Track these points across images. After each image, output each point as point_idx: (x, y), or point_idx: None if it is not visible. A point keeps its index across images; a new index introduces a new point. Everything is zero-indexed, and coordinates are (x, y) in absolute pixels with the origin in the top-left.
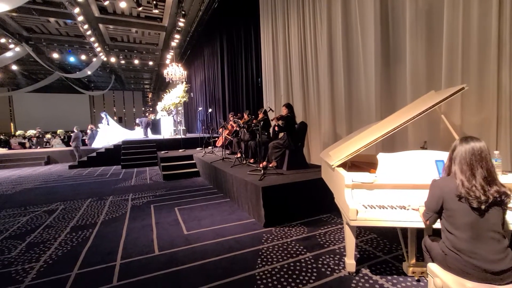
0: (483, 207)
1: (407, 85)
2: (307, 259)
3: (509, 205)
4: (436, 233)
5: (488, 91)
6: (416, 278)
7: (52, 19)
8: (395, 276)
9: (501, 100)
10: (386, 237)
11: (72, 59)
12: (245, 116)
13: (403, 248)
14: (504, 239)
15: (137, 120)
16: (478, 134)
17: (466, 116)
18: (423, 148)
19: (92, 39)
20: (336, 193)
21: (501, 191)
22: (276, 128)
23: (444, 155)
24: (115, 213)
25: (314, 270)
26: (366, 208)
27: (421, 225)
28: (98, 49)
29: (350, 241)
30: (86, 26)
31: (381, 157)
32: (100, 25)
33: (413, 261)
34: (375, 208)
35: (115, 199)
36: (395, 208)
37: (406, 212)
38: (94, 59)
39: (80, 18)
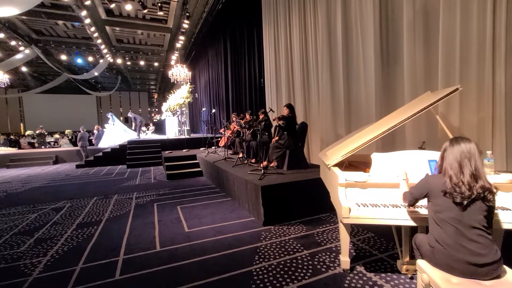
0: (465, 202)
1: (405, 86)
2: (303, 256)
3: (494, 202)
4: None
5: (483, 92)
6: (410, 275)
7: (60, 22)
8: (389, 273)
9: (496, 101)
10: (383, 236)
11: (79, 60)
12: (247, 116)
13: (397, 246)
14: (488, 234)
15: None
16: (475, 134)
17: (464, 117)
18: (421, 148)
19: (99, 41)
20: (331, 192)
21: (486, 187)
22: (276, 138)
23: (437, 155)
24: (120, 211)
25: (310, 267)
26: (359, 206)
27: (413, 223)
28: (105, 50)
29: (344, 239)
30: (93, 28)
31: (375, 157)
32: (107, 27)
33: (407, 259)
34: (368, 206)
35: (120, 197)
36: (388, 207)
37: (399, 210)
38: (101, 61)
39: (87, 21)
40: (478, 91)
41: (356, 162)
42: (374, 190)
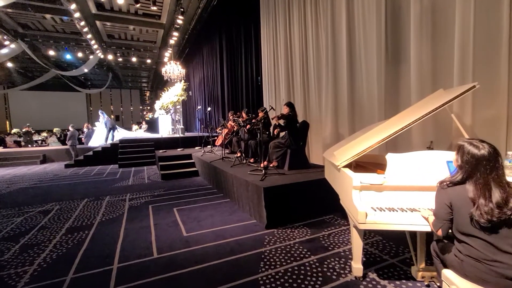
0: (494, 226)
1: (411, 84)
2: (311, 262)
3: None
4: (446, 237)
5: (498, 89)
6: (426, 283)
7: (48, 16)
8: (404, 281)
9: (511, 99)
10: (392, 240)
11: (68, 56)
12: (244, 115)
13: (411, 251)
14: None
15: (105, 119)
16: (488, 133)
17: (476, 115)
18: (429, 148)
19: (89, 36)
20: (342, 195)
21: None
22: (277, 130)
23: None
24: (112, 214)
25: (320, 274)
26: (375, 210)
27: None
28: (95, 46)
29: (357, 245)
30: (82, 23)
31: (390, 158)
32: (97, 22)
33: (423, 265)
34: (384, 210)
35: (112, 199)
36: (406, 211)
37: (419, 215)
38: (91, 57)
39: (77, 15)
40: (493, 88)
41: (364, 163)
42: (389, 192)
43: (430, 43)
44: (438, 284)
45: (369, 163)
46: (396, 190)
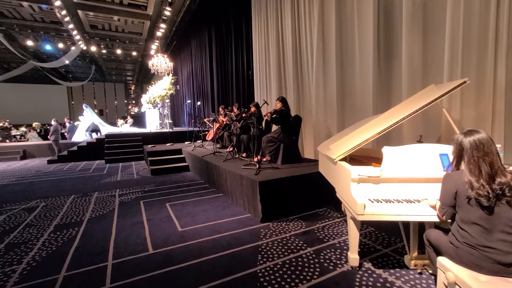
0: (492, 204)
1: (402, 80)
2: (308, 254)
3: None
4: (438, 226)
5: (484, 85)
6: (419, 270)
7: (25, 3)
8: (398, 269)
9: (496, 95)
10: (384, 231)
11: (48, 47)
12: (235, 109)
13: (404, 241)
14: None
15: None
16: (475, 127)
17: (464, 111)
18: (419, 142)
19: (71, 26)
20: (339, 187)
21: (503, 182)
22: (267, 117)
23: (447, 149)
24: (102, 210)
25: (317, 265)
26: (373, 202)
27: (429, 218)
28: (77, 37)
29: (354, 236)
30: (63, 12)
31: (386, 151)
32: (79, 12)
33: (415, 254)
34: (381, 202)
35: (101, 195)
36: (402, 202)
37: (414, 206)
38: (73, 48)
39: (57, 3)
40: (480, 85)
41: (359, 157)
42: (386, 185)
43: (421, 38)
44: (430, 271)
45: (363, 157)
46: (392, 182)
